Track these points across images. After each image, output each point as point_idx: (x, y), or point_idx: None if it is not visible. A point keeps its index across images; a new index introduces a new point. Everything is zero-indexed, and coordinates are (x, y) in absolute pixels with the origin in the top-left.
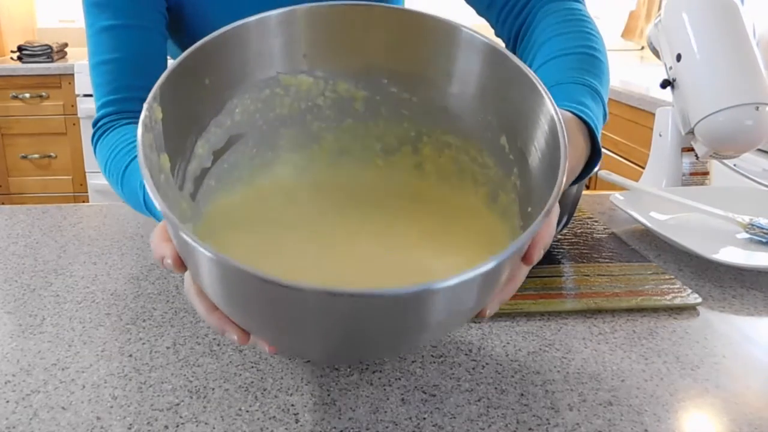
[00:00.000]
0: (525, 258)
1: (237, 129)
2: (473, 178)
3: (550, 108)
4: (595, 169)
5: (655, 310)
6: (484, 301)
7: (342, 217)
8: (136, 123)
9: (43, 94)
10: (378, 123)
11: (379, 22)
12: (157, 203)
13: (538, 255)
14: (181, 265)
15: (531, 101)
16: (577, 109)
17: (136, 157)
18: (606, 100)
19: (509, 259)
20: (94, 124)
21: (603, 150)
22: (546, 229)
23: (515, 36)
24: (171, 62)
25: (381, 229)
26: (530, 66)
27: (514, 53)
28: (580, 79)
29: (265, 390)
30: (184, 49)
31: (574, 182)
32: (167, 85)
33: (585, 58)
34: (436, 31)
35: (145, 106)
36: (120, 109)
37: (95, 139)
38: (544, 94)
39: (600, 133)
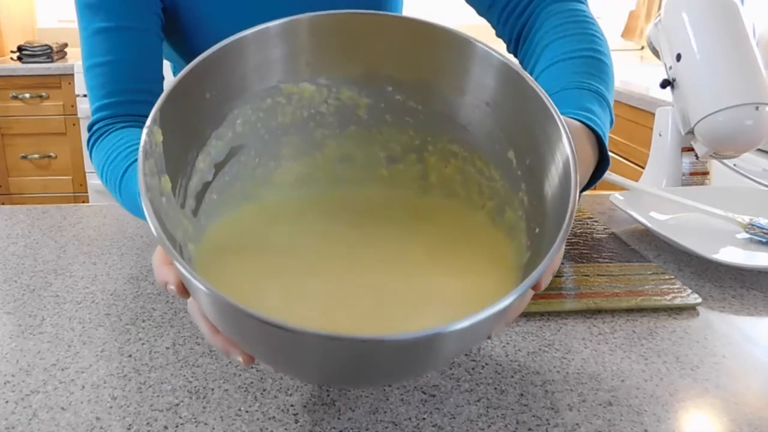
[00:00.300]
0: (534, 286)
1: (238, 140)
2: (479, 190)
3: (566, 146)
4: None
5: (655, 310)
6: (491, 331)
7: (345, 237)
8: (132, 126)
9: (43, 94)
10: (382, 130)
11: (386, 31)
12: (155, 233)
13: (546, 282)
14: (185, 291)
15: (544, 127)
16: (584, 117)
17: (133, 162)
18: (612, 104)
19: (522, 295)
20: (89, 128)
21: None
22: (556, 258)
23: (517, 37)
24: (169, 82)
25: (385, 251)
26: (533, 69)
27: (516, 55)
28: (585, 84)
29: (264, 390)
30: (179, 49)
31: (582, 190)
32: (167, 105)
33: (590, 62)
34: (446, 43)
35: (145, 130)
36: (115, 112)
37: (91, 144)
38: (560, 126)
39: (607, 139)
